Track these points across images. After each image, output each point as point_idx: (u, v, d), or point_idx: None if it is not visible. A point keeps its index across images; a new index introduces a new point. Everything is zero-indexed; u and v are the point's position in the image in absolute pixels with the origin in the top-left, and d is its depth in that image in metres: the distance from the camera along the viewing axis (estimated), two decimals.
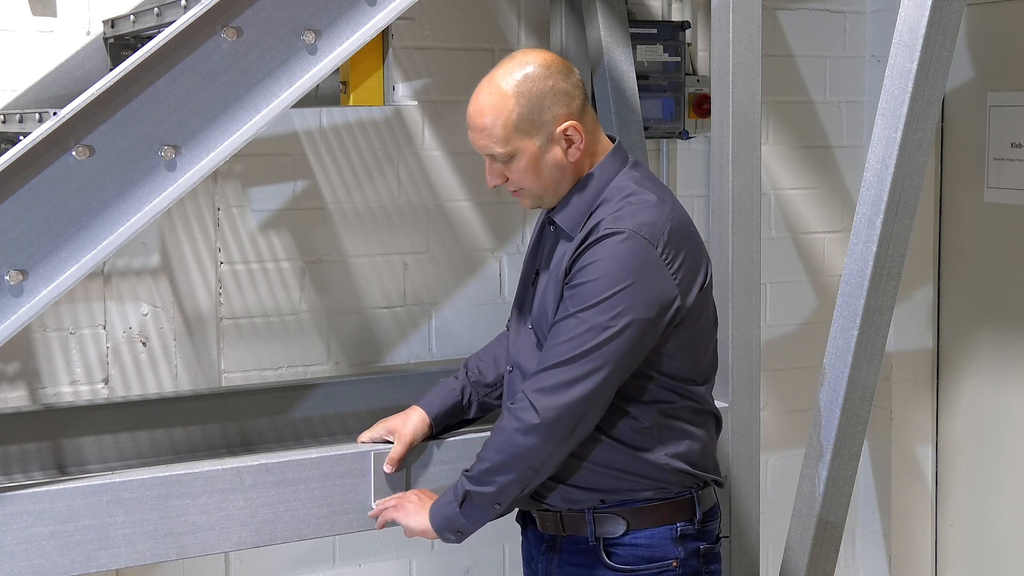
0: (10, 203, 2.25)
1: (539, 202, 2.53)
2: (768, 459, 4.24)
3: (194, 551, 2.48)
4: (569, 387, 2.36)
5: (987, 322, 4.23)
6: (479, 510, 2.45)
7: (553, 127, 2.44)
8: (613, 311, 2.35)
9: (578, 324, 2.37)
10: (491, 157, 2.47)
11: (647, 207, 2.43)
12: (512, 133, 2.42)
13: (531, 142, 2.43)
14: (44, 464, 3.01)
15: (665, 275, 2.39)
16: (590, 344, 2.35)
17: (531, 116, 2.42)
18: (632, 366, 2.40)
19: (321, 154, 3.55)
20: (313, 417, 3.33)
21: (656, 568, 2.50)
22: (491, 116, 2.43)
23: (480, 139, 2.46)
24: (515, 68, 2.44)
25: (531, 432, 2.36)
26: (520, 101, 2.42)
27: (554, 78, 2.44)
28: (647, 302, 2.37)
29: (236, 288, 3.47)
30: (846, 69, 4.33)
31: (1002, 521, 4.22)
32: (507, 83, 2.43)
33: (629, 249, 2.37)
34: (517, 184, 2.49)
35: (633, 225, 2.39)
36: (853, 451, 2.86)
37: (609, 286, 2.36)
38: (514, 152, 2.44)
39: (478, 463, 2.44)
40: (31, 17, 3.17)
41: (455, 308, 3.74)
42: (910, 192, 2.73)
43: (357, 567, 3.68)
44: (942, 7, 2.63)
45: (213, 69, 2.35)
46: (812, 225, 4.33)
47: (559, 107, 2.44)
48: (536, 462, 2.39)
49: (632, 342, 2.36)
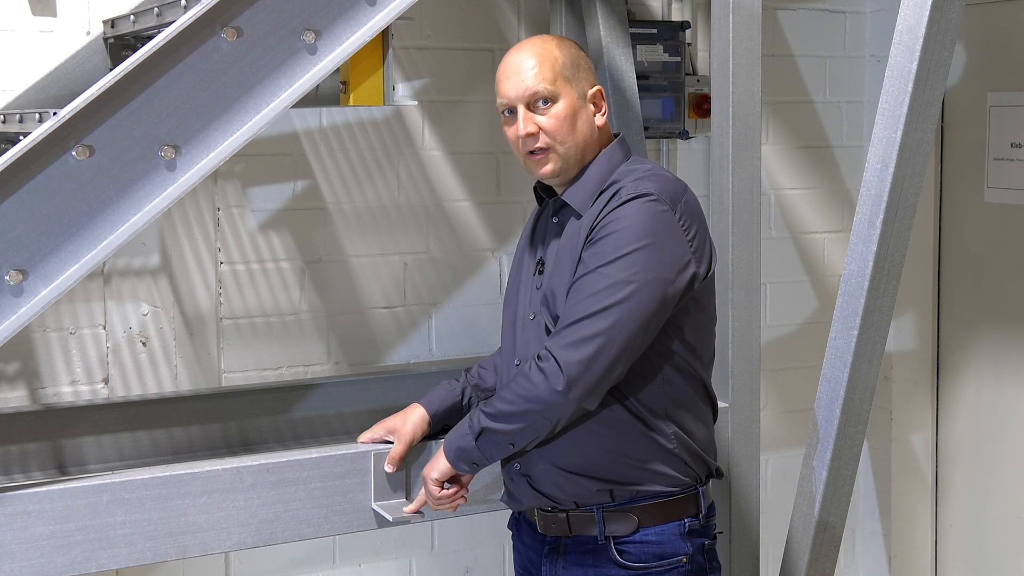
0: (10, 203, 2.25)
1: (562, 164, 2.52)
2: (768, 459, 4.24)
3: (194, 551, 2.48)
4: (592, 341, 2.36)
5: (987, 322, 4.23)
6: (494, 446, 2.46)
7: (586, 87, 2.54)
8: (634, 267, 2.38)
9: (600, 279, 2.39)
10: (529, 103, 2.50)
11: (665, 178, 2.50)
12: (558, 76, 2.50)
13: (571, 90, 2.51)
14: (44, 464, 3.01)
15: (682, 240, 2.44)
16: (613, 299, 2.37)
17: (572, 68, 2.52)
18: (653, 327, 2.42)
19: (321, 154, 3.55)
20: (313, 417, 3.33)
21: (667, 565, 2.50)
22: (538, 59, 2.50)
23: (525, 80, 2.49)
24: (546, 36, 2.59)
25: (554, 386, 2.36)
26: (563, 52, 2.53)
27: (580, 52, 2.58)
28: (667, 263, 2.41)
29: (236, 288, 3.47)
30: (846, 69, 4.33)
31: (1002, 521, 4.22)
32: (547, 40, 2.56)
33: (651, 210, 2.42)
34: (552, 134, 2.50)
35: (655, 189, 2.44)
36: (853, 451, 2.86)
37: (631, 242, 2.39)
38: (557, 94, 2.50)
39: (498, 402, 2.44)
40: (31, 17, 3.17)
41: (455, 308, 3.74)
42: (910, 192, 2.73)
43: (357, 567, 3.68)
44: (942, 7, 2.63)
45: (213, 69, 2.35)
46: (812, 225, 4.33)
47: (590, 74, 2.57)
48: (555, 415, 2.40)
49: (653, 299, 2.39)
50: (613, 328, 2.36)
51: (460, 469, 2.51)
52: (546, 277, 2.55)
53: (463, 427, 2.48)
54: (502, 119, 2.55)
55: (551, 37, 2.57)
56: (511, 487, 2.59)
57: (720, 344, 2.97)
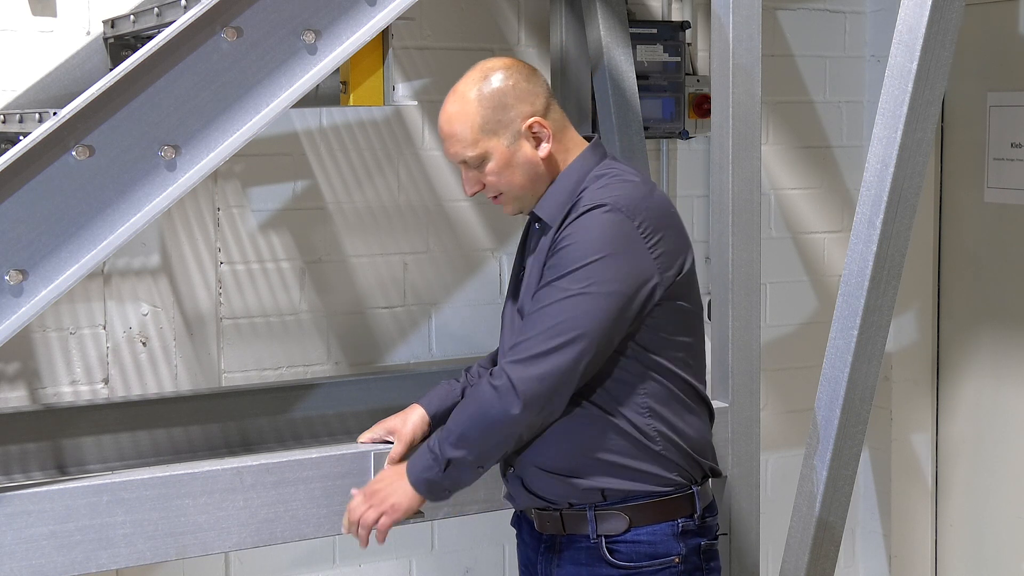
0: (10, 203, 2.25)
1: (520, 205, 2.55)
2: (768, 459, 4.24)
3: (194, 551, 2.48)
4: (544, 359, 2.36)
5: (987, 322, 4.23)
6: (463, 473, 2.45)
7: (519, 124, 2.49)
8: (589, 280, 2.37)
9: (554, 292, 2.39)
10: (464, 164, 2.52)
11: (627, 185, 2.47)
12: (479, 135, 2.47)
13: (499, 142, 2.48)
14: (44, 464, 3.01)
15: (642, 249, 2.41)
16: (566, 314, 2.37)
17: (495, 116, 2.47)
18: (611, 340, 2.41)
19: (321, 154, 3.55)
20: (313, 417, 3.33)
21: (659, 565, 2.50)
22: (457, 122, 2.48)
23: (451, 147, 2.51)
24: (476, 75, 2.52)
25: (507, 406, 2.37)
26: (483, 103, 2.48)
27: (514, 78, 2.50)
28: (624, 274, 2.39)
29: (236, 288, 3.47)
30: (846, 69, 4.33)
31: (1002, 521, 4.22)
32: (469, 89, 2.50)
33: (607, 221, 2.40)
34: (494, 187, 2.52)
35: (611, 199, 2.42)
36: (853, 451, 2.86)
37: (586, 255, 2.38)
38: (484, 154, 2.48)
39: (455, 427, 2.43)
40: (31, 17, 3.17)
41: (455, 308, 3.74)
42: (910, 192, 2.73)
43: (357, 567, 3.68)
44: (942, 7, 2.63)
45: (213, 69, 2.35)
46: (812, 225, 4.33)
47: (522, 105, 2.49)
48: (513, 431, 2.40)
49: (609, 313, 2.38)
50: (566, 343, 2.36)
51: (432, 499, 2.49)
52: (525, 282, 2.57)
53: (425, 458, 2.45)
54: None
55: (473, 81, 2.51)
56: (509, 488, 2.60)
57: (720, 344, 2.97)
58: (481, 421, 2.40)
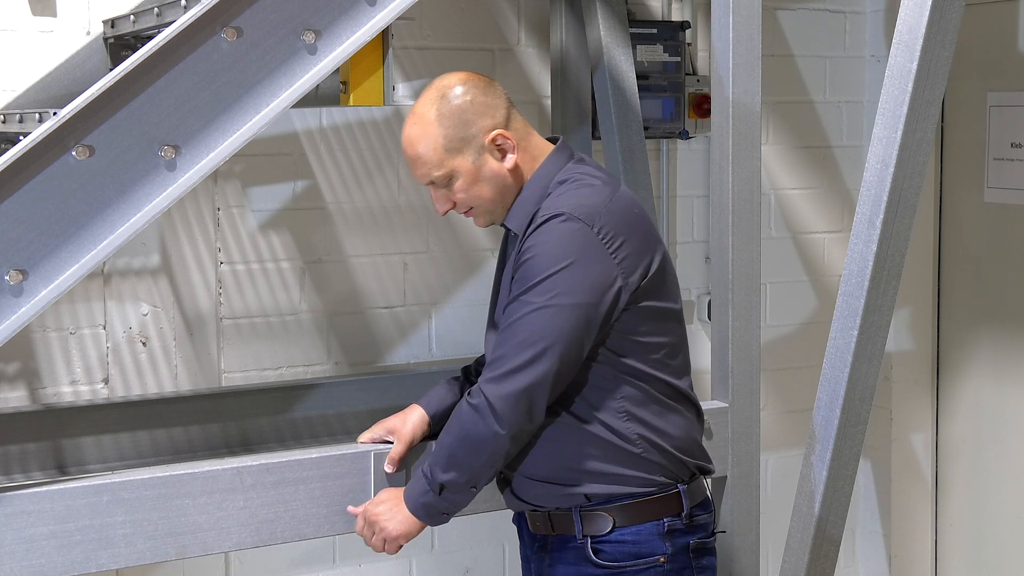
0: (10, 203, 2.25)
1: (491, 217, 2.57)
2: (768, 459, 4.24)
3: (194, 551, 2.48)
4: (517, 375, 2.38)
5: (987, 322, 4.23)
6: (458, 495, 2.47)
7: (482, 139, 2.49)
8: (553, 291, 2.38)
9: (521, 306, 2.40)
10: (433, 185, 2.52)
11: (586, 191, 2.47)
12: (444, 155, 2.48)
13: (464, 159, 2.49)
14: (44, 464, 3.01)
15: (604, 256, 2.41)
16: (533, 328, 2.38)
17: (458, 134, 2.48)
18: (581, 348, 2.42)
19: (321, 154, 3.55)
20: (313, 417, 3.33)
21: (643, 564, 2.51)
22: (420, 144, 2.49)
23: (417, 169, 2.52)
24: (433, 94, 2.51)
25: (489, 426, 2.39)
26: (443, 122, 2.48)
27: (472, 93, 2.50)
28: (587, 283, 2.39)
29: (236, 288, 3.47)
30: (846, 69, 4.33)
31: (1002, 521, 4.22)
32: (427, 110, 2.49)
33: (565, 230, 2.41)
34: (464, 203, 2.53)
35: (569, 207, 2.43)
36: (853, 451, 2.86)
37: (548, 267, 2.39)
38: (451, 173, 2.49)
39: (441, 452, 2.46)
40: (31, 17, 3.17)
41: (455, 308, 3.74)
42: (910, 192, 2.73)
43: (357, 567, 3.68)
44: (942, 7, 2.63)
45: (213, 69, 2.35)
46: (812, 225, 4.33)
47: (483, 119, 2.49)
48: (498, 449, 2.42)
49: (576, 323, 2.39)
50: (536, 357, 2.37)
51: (431, 523, 2.52)
52: (501, 294, 2.58)
53: (420, 483, 2.48)
54: None
55: (431, 101, 2.49)
56: (501, 492, 2.63)
57: (720, 344, 2.97)
58: (466, 442, 2.43)
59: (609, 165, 3.56)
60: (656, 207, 3.80)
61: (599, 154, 3.71)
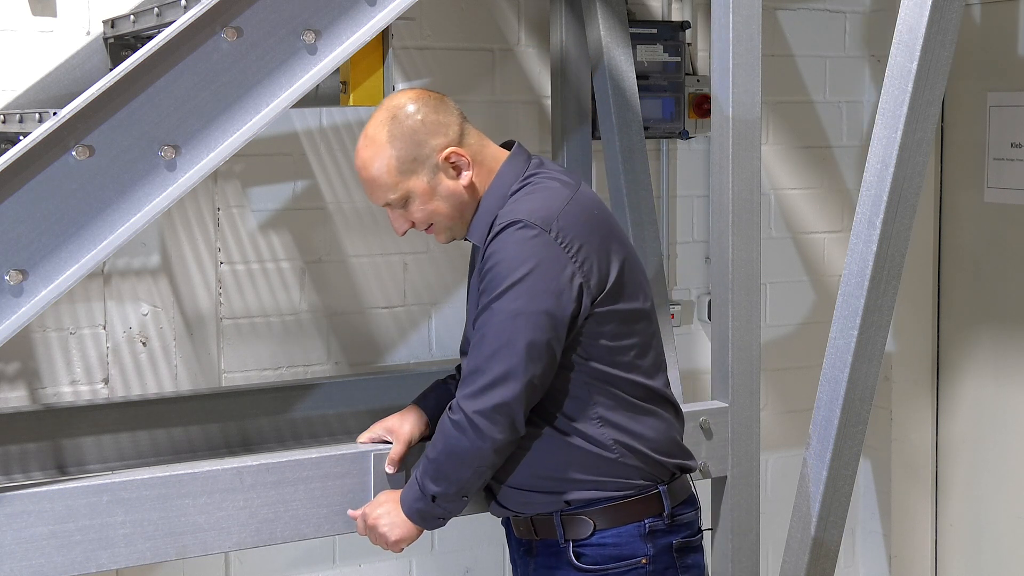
0: (10, 203, 2.25)
1: (452, 233, 2.56)
2: (768, 459, 4.24)
3: (194, 551, 2.48)
4: (493, 389, 2.38)
5: (987, 322, 4.23)
6: (450, 503, 2.48)
7: (435, 158, 2.48)
8: (517, 299, 2.37)
9: (489, 316, 2.40)
10: (389, 207, 2.52)
11: (543, 194, 2.46)
12: (398, 177, 2.47)
13: (418, 179, 2.48)
14: (44, 464, 3.01)
15: (563, 259, 2.40)
16: (503, 339, 2.37)
17: (410, 154, 2.46)
18: (553, 353, 2.41)
19: (321, 154, 3.55)
20: (313, 417, 3.33)
21: (625, 566, 2.51)
22: (374, 168, 2.48)
23: (373, 192, 2.51)
24: (383, 115, 2.50)
25: (468, 438, 2.40)
26: (395, 144, 2.46)
27: (423, 112, 2.48)
28: (550, 288, 2.38)
29: (236, 288, 3.47)
30: (846, 69, 4.33)
31: (1002, 521, 4.22)
32: (379, 132, 2.48)
33: (521, 238, 2.40)
34: (423, 222, 2.53)
35: (524, 213, 2.42)
36: (853, 451, 2.86)
37: (508, 275, 2.38)
38: (406, 194, 2.48)
39: (429, 464, 2.47)
40: (31, 17, 3.17)
41: (455, 308, 3.74)
42: (910, 192, 2.73)
43: (357, 567, 3.68)
44: (942, 7, 2.63)
45: (213, 69, 2.35)
46: (812, 225, 4.33)
47: (435, 138, 2.48)
48: (483, 461, 2.43)
49: (543, 329, 2.38)
50: (512, 369, 2.37)
51: (428, 528, 2.53)
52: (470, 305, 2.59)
53: (414, 490, 2.49)
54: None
55: (382, 123, 2.48)
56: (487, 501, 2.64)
57: (720, 344, 2.97)
58: (451, 456, 2.43)
59: (609, 165, 3.56)
60: (656, 207, 3.79)
61: (599, 154, 3.71)
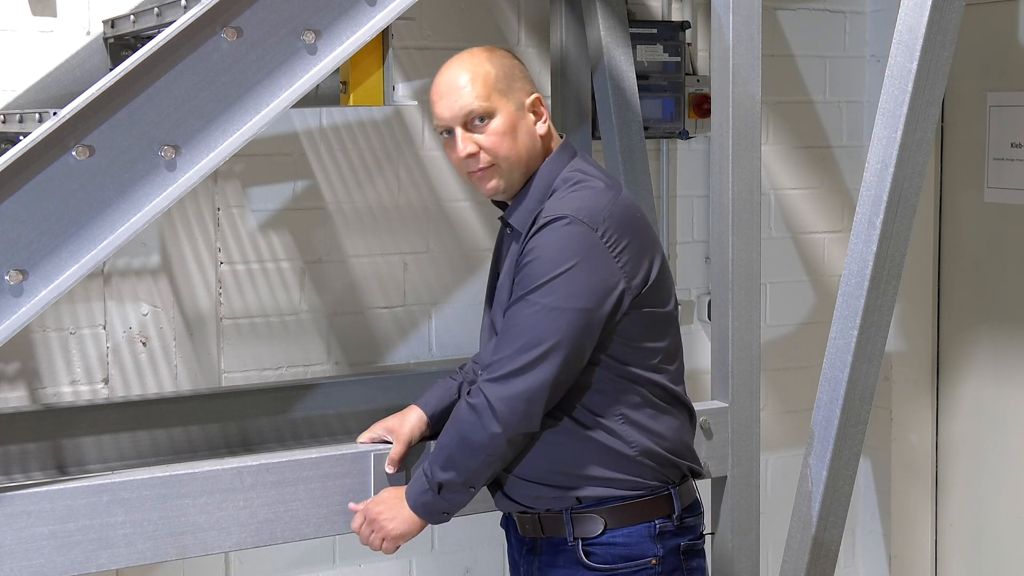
0: (10, 203, 2.25)
1: (506, 180, 2.52)
2: (768, 459, 4.24)
3: (194, 551, 2.48)
4: (519, 376, 2.37)
5: (987, 322, 4.23)
6: (457, 495, 2.47)
7: (523, 97, 2.51)
8: (556, 293, 2.37)
9: (523, 308, 2.39)
10: (466, 123, 2.48)
11: (589, 193, 2.46)
12: (492, 91, 2.48)
13: (507, 103, 2.49)
14: (44, 464, 3.01)
15: (607, 259, 2.41)
16: (536, 330, 2.37)
17: (506, 80, 2.50)
18: (583, 352, 2.41)
19: (321, 154, 3.55)
20: (313, 417, 3.33)
21: (635, 566, 2.50)
22: (469, 76, 2.48)
23: (458, 100, 2.48)
24: (479, 49, 2.55)
25: (488, 427, 2.39)
26: (494, 64, 2.50)
27: (513, 61, 2.55)
28: (590, 286, 2.39)
29: (236, 288, 3.47)
30: (846, 69, 4.33)
31: (1002, 521, 4.22)
32: (478, 55, 2.52)
33: (568, 233, 2.39)
34: (492, 151, 2.48)
35: (572, 210, 2.41)
36: (853, 451, 2.86)
37: (551, 269, 2.38)
38: (493, 109, 2.48)
39: (440, 451, 2.46)
40: (31, 17, 3.17)
41: (455, 308, 3.74)
42: (910, 192, 2.73)
43: (357, 567, 3.68)
44: (942, 7, 2.63)
45: (213, 69, 2.35)
46: (812, 225, 4.33)
47: (526, 82, 2.54)
48: (495, 451, 2.42)
49: (578, 326, 2.38)
50: (539, 359, 2.37)
51: (432, 522, 2.52)
52: (498, 291, 2.57)
53: (420, 482, 2.48)
54: (443, 140, 2.55)
55: (481, 50, 2.53)
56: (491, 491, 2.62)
57: (720, 344, 2.97)
58: (464, 443, 2.42)
59: (609, 165, 3.56)
60: (656, 207, 3.80)
61: (599, 154, 3.71)
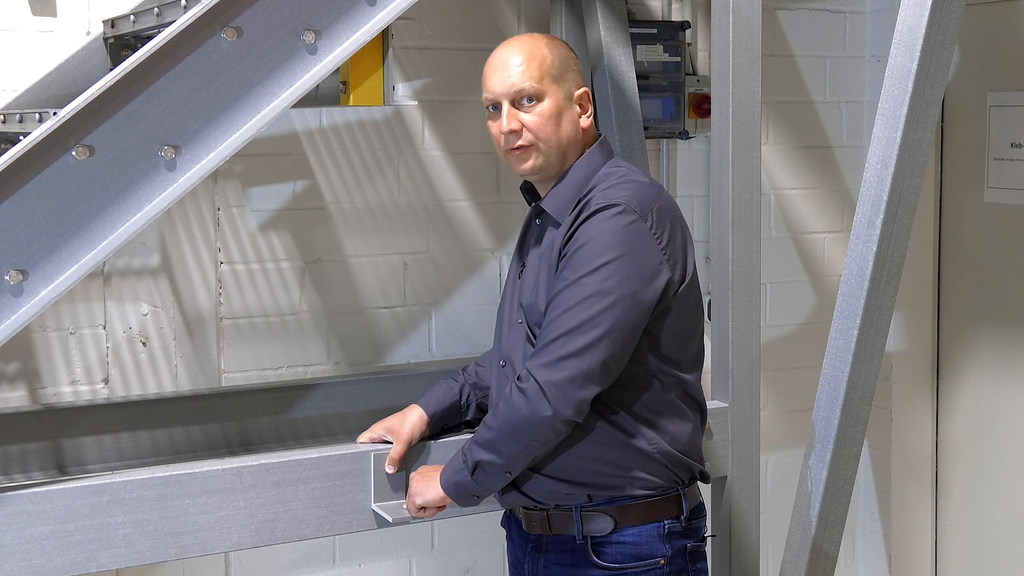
0: (10, 203, 2.25)
1: (543, 163, 2.53)
2: (768, 459, 4.24)
3: (194, 551, 2.48)
4: (571, 360, 2.37)
5: (987, 322, 4.23)
6: (491, 477, 2.47)
7: (573, 88, 2.55)
8: (607, 280, 2.38)
9: (576, 291, 2.40)
10: (515, 100, 2.51)
11: (637, 186, 2.49)
12: (545, 75, 2.51)
13: (557, 90, 2.52)
14: (44, 464, 3.01)
15: (655, 249, 2.43)
16: (588, 314, 2.38)
17: (560, 68, 2.53)
18: (631, 339, 2.42)
19: (321, 154, 3.55)
20: (313, 417, 3.33)
21: (644, 566, 2.51)
22: (526, 56, 2.51)
23: (511, 77, 2.50)
24: (539, 35, 2.59)
25: (538, 409, 2.38)
26: (552, 51, 2.54)
27: (570, 52, 2.59)
28: (639, 274, 2.41)
29: (236, 288, 3.47)
30: (846, 69, 4.33)
31: (1002, 521, 4.22)
32: (538, 39, 2.56)
33: (620, 221, 2.41)
34: (535, 132, 2.51)
35: (624, 199, 2.44)
36: (853, 451, 2.86)
37: (602, 255, 2.39)
38: (543, 92, 2.51)
39: (485, 431, 2.45)
40: (31, 17, 3.17)
41: (455, 308, 3.74)
42: (910, 192, 2.73)
43: (357, 567, 3.68)
44: (942, 7, 2.63)
45: (213, 69, 2.36)
46: (812, 225, 4.33)
47: (577, 75, 2.57)
48: (542, 436, 2.41)
49: (628, 312, 2.39)
50: (591, 345, 2.37)
51: (461, 503, 2.52)
52: (524, 282, 2.57)
53: (457, 461, 2.49)
54: (487, 114, 2.57)
55: (542, 36, 2.57)
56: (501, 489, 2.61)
57: (720, 344, 2.97)
58: (509, 425, 2.41)
59: None
60: None
61: None
